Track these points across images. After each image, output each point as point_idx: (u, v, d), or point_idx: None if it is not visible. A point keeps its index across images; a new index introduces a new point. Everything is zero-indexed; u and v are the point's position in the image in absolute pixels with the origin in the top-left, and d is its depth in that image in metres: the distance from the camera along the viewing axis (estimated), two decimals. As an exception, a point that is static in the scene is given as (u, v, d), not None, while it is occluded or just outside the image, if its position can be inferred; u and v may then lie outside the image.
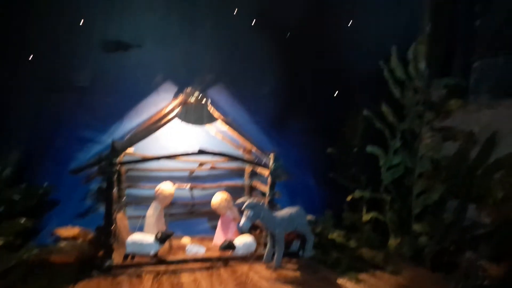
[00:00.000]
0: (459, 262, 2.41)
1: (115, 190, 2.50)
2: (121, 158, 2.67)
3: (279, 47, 3.02)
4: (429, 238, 2.69)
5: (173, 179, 2.93)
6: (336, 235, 2.85)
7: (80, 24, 2.61)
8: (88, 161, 2.48)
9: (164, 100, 2.81)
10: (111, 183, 2.38)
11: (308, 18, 3.02)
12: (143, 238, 2.44)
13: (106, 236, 2.36)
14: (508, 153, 2.43)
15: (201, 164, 3.02)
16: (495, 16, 3.98)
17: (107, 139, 2.61)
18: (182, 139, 2.91)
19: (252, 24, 2.94)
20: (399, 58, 2.98)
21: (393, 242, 2.74)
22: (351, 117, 3.13)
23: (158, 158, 2.63)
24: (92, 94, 2.69)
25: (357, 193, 2.94)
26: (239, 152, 3.00)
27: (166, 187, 2.78)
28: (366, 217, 2.89)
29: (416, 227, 2.76)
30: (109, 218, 2.39)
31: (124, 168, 2.85)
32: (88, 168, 2.43)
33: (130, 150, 2.74)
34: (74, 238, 2.47)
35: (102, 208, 2.50)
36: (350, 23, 3.08)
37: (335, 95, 3.14)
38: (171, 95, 2.82)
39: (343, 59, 3.10)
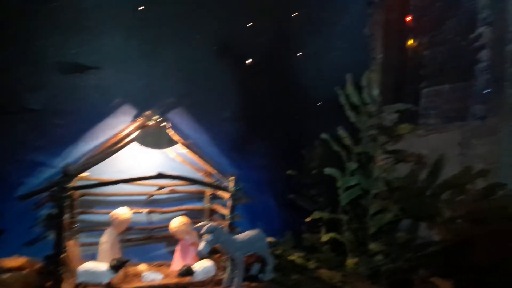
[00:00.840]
0: (413, 280, 2.50)
1: (66, 216, 2.39)
2: (74, 183, 2.57)
3: (240, 72, 3.08)
4: (385, 257, 2.77)
5: (130, 203, 2.84)
6: (295, 257, 2.86)
7: (36, 44, 2.55)
8: (39, 187, 2.36)
9: (122, 123, 2.76)
10: (62, 209, 2.27)
11: (269, 45, 3.13)
12: (96, 266, 2.33)
13: (56, 265, 2.22)
14: (454, 174, 2.58)
15: (160, 188, 2.96)
16: (440, 48, 4.31)
17: (60, 163, 2.52)
18: (140, 162, 2.85)
19: (214, 49, 3.00)
20: (354, 85, 3.14)
21: (350, 262, 2.79)
22: (310, 140, 3.22)
23: (114, 183, 2.55)
24: (45, 116, 2.60)
25: (316, 214, 2.99)
26: (199, 175, 2.98)
27: (122, 212, 2.69)
28: (325, 237, 2.94)
29: (372, 246, 2.83)
30: (59, 246, 2.26)
31: (77, 193, 2.73)
32: (38, 194, 2.31)
33: (85, 174, 2.64)
34: (19, 268, 2.31)
35: (52, 236, 2.37)
36: (308, 51, 3.23)
37: (294, 118, 3.22)
38: (130, 117, 2.78)
39: (302, 85, 3.22)
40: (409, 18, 4.52)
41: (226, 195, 2.71)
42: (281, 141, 3.13)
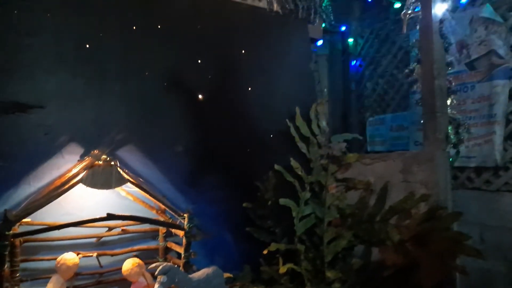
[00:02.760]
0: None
1: (7, 266, 2.20)
2: (16, 229, 2.39)
3: (191, 107, 3.11)
4: (342, 284, 2.82)
5: (78, 247, 2.69)
6: (255, 291, 2.84)
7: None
8: (-26, 235, 2.17)
9: (68, 163, 2.65)
10: (2, 258, 2.10)
11: (219, 80, 3.20)
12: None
13: (-7, 323, 2.03)
14: (399, 200, 2.73)
15: (109, 229, 2.83)
16: (380, 80, 4.66)
17: (-1, 209, 2.34)
18: (88, 202, 2.72)
19: (165, 84, 3.01)
20: (303, 117, 3.28)
21: (309, 292, 2.81)
22: (264, 172, 3.27)
23: (60, 227, 2.41)
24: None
25: (273, 246, 3.00)
26: (152, 213, 2.90)
27: (69, 257, 2.53)
28: (282, 269, 2.94)
29: (329, 274, 2.87)
30: (-3, 300, 2.07)
31: (19, 240, 2.54)
32: (-28, 244, 2.12)
33: (27, 219, 2.47)
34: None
35: (-11, 289, 2.17)
36: (258, 86, 3.34)
37: (247, 151, 3.27)
38: (77, 157, 2.67)
39: (253, 118, 3.31)
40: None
41: (180, 232, 2.65)
42: (235, 174, 3.15)
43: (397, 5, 4.25)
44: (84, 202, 2.73)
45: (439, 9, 2.80)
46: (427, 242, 2.42)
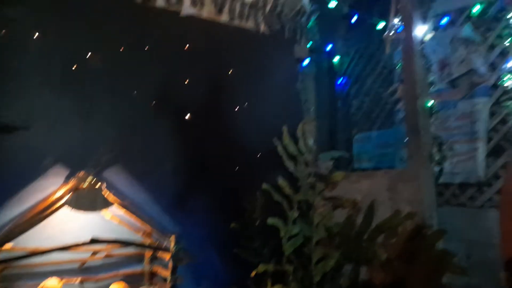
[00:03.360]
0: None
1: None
2: (-4, 255, 2.34)
3: (178, 127, 3.10)
4: (331, 304, 2.79)
5: (61, 273, 2.63)
6: (243, 314, 2.78)
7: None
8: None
9: (53, 185, 2.61)
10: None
11: (207, 100, 3.22)
12: None
13: None
14: (386, 218, 2.73)
15: (94, 253, 2.78)
16: (365, 98, 4.74)
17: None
18: (72, 226, 2.68)
19: (152, 105, 3.01)
20: (290, 136, 3.30)
21: (298, 313, 2.77)
22: (251, 191, 3.26)
23: (43, 253, 2.36)
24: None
25: (261, 267, 2.96)
26: (138, 236, 2.86)
27: (52, 284, 2.47)
28: (271, 291, 2.90)
29: (318, 295, 2.84)
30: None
31: (-1, 266, 2.47)
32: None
33: (9, 244, 2.41)
34: None
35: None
36: (245, 105, 3.36)
37: (235, 171, 3.27)
38: (62, 179, 2.64)
39: (241, 137, 3.31)
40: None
41: (167, 255, 2.62)
42: (223, 194, 3.13)
43: (381, 25, 4.36)
44: (67, 226, 2.69)
45: (420, 31, 2.89)
46: (413, 260, 2.42)
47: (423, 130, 2.70)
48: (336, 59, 4.99)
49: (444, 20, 3.83)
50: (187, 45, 3.17)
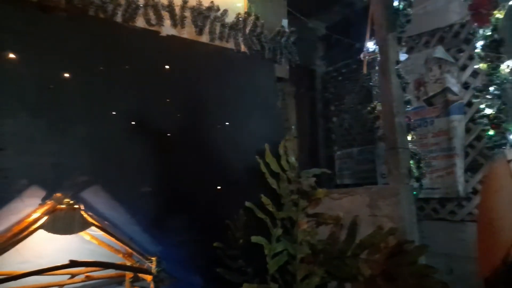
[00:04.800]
0: None
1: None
2: (-33, 281, 2.23)
3: (159, 147, 3.07)
4: (316, 323, 2.76)
5: (37, 298, 2.52)
6: (226, 337, 2.72)
7: None
8: None
9: (28, 207, 2.52)
10: None
11: (188, 120, 3.21)
12: None
13: None
14: (368, 234, 2.76)
15: (72, 276, 2.68)
16: (346, 115, 4.84)
17: None
18: (49, 248, 2.59)
19: (130, 125, 2.96)
20: (272, 154, 3.32)
21: (283, 334, 2.73)
22: (234, 210, 3.24)
23: (18, 277, 2.26)
24: None
25: (246, 287, 2.92)
26: (118, 257, 2.78)
27: (27, 311, 2.36)
28: (256, 311, 2.86)
29: (303, 313, 2.81)
30: None
31: (-30, 293, 2.35)
32: None
33: (-20, 269, 2.31)
34: None
35: None
36: (226, 124, 3.37)
37: (217, 189, 3.25)
38: (38, 201, 2.56)
39: (222, 156, 3.31)
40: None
41: (148, 277, 2.55)
42: (205, 213, 3.10)
43: (359, 44, 4.50)
44: (44, 248, 2.60)
45: (395, 52, 2.99)
46: (396, 276, 2.44)
47: (402, 147, 2.76)
48: (317, 77, 5.12)
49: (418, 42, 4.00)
50: (167, 64, 3.18)
